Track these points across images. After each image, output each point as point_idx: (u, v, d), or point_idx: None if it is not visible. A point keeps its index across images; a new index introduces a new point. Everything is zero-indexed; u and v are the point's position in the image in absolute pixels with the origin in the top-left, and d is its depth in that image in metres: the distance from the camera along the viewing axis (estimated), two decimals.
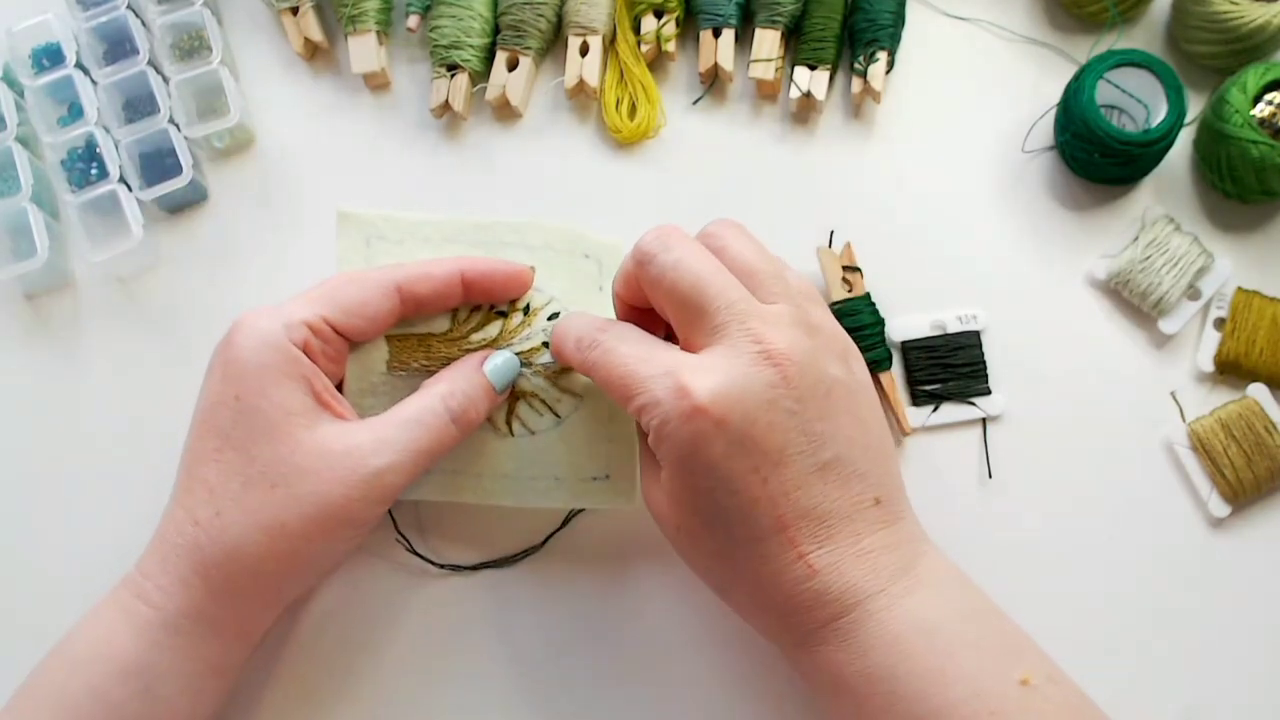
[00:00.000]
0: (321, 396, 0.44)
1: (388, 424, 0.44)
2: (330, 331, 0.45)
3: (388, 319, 0.46)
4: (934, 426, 0.56)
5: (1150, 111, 0.58)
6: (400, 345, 0.48)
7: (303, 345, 0.44)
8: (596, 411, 0.49)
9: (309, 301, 0.45)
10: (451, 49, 0.60)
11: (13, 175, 0.58)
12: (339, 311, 0.45)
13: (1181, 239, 0.57)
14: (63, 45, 0.61)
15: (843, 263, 0.57)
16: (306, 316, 0.44)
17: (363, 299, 0.45)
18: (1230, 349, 0.56)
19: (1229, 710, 0.52)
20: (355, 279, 0.46)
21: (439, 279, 0.46)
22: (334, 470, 0.42)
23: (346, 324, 0.45)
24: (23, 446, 0.57)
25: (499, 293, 0.48)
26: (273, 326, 0.43)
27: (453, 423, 0.45)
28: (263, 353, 0.43)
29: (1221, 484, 0.54)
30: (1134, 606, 0.53)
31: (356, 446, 0.43)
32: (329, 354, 0.46)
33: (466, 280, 0.47)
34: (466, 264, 0.47)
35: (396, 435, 0.44)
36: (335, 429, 0.44)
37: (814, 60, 0.60)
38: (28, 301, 0.59)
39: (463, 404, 0.45)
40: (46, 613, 0.54)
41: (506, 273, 0.48)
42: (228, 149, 0.62)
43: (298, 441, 0.42)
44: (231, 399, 0.43)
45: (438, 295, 0.47)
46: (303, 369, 0.44)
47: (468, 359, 0.48)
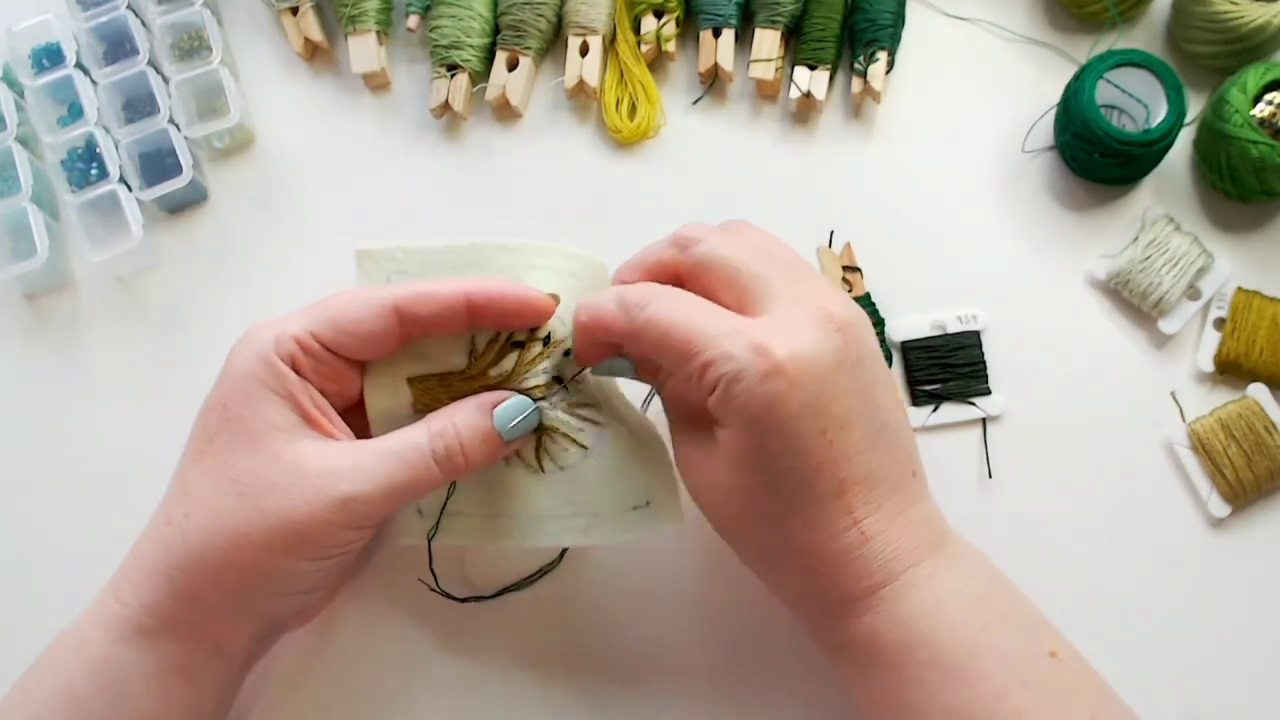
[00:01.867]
0: (309, 413, 0.43)
1: (369, 452, 0.43)
2: (320, 349, 0.44)
3: (384, 339, 0.44)
4: (934, 426, 0.56)
5: (1150, 111, 0.58)
6: (422, 387, 0.46)
7: (290, 360, 0.43)
8: (622, 438, 0.47)
9: (302, 316, 0.44)
10: (451, 49, 0.60)
11: (13, 175, 0.58)
12: (331, 328, 0.43)
13: (1181, 239, 0.57)
14: (63, 45, 0.61)
15: (843, 263, 0.57)
16: (296, 331, 0.43)
17: (357, 316, 0.43)
18: (1230, 349, 0.56)
19: (1229, 710, 0.52)
20: (353, 296, 0.44)
21: (441, 300, 0.44)
22: (303, 489, 0.42)
23: (337, 341, 0.44)
24: (23, 446, 0.57)
25: (509, 319, 0.45)
26: (265, 339, 0.43)
27: (435, 464, 0.43)
28: (252, 364, 0.43)
29: (1221, 484, 0.54)
30: (1134, 606, 0.53)
31: (331, 470, 0.42)
32: (322, 372, 0.44)
33: (472, 303, 0.44)
34: (472, 285, 0.44)
35: (374, 466, 0.43)
36: (315, 448, 0.43)
37: (814, 60, 0.60)
38: (28, 301, 0.59)
39: (450, 447, 0.43)
40: (46, 612, 0.54)
41: (517, 298, 0.44)
42: (228, 149, 0.62)
43: (274, 455, 0.42)
44: (220, 405, 0.43)
45: (439, 318, 0.44)
46: (288, 384, 0.43)
47: (471, 399, 0.45)
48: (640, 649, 0.52)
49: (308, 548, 0.43)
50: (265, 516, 0.42)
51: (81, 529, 0.55)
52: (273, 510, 0.41)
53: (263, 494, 0.42)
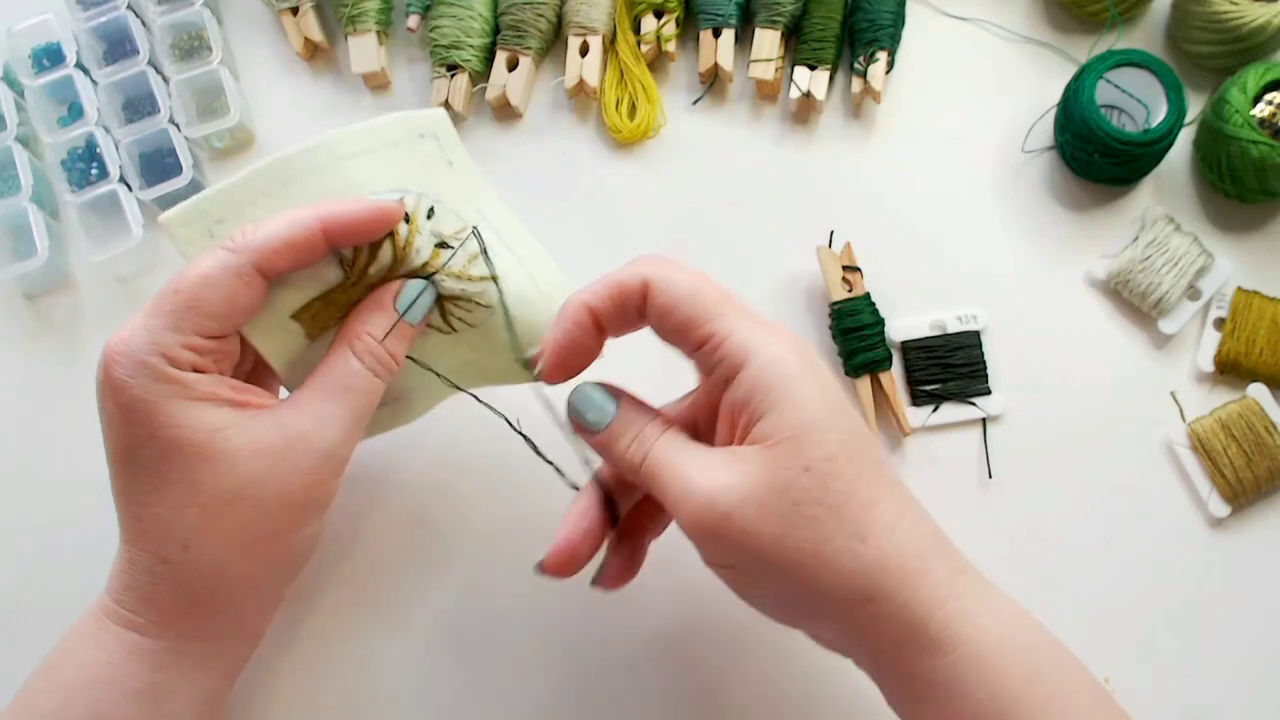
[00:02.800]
0: (235, 400, 0.42)
1: (316, 396, 0.43)
2: (208, 342, 0.41)
3: (255, 299, 0.42)
4: (934, 426, 0.56)
5: (1150, 111, 0.58)
6: (309, 315, 0.45)
7: (189, 366, 0.41)
8: (524, 288, 0.46)
9: (175, 319, 0.40)
10: (451, 49, 0.60)
11: (13, 175, 0.58)
12: (209, 320, 0.41)
13: (1181, 239, 0.57)
14: (63, 45, 0.61)
15: (843, 263, 0.57)
16: (181, 339, 0.40)
17: (227, 295, 0.41)
18: (1230, 349, 0.56)
19: (1229, 710, 0.52)
20: (210, 276, 0.40)
21: (299, 244, 0.41)
22: (283, 465, 0.41)
23: (220, 328, 0.41)
24: (23, 446, 0.57)
25: (366, 234, 0.43)
26: (151, 360, 0.40)
27: (375, 376, 0.44)
28: (155, 387, 0.40)
29: (1221, 484, 0.54)
30: (1134, 606, 0.53)
31: (297, 435, 0.42)
32: (220, 355, 0.42)
33: (329, 233, 0.42)
34: (324, 214, 0.42)
35: (333, 409, 0.42)
36: (267, 423, 0.42)
37: (814, 60, 0.60)
38: (28, 301, 0.59)
39: (378, 354, 0.43)
40: (46, 612, 0.54)
41: (370, 213, 0.43)
42: (228, 149, 0.62)
43: (235, 452, 0.41)
44: (147, 438, 0.41)
45: (300, 259, 0.42)
46: (204, 387, 0.41)
47: (374, 298, 0.44)
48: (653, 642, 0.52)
49: (312, 509, 0.43)
50: (265, 509, 0.41)
51: (81, 529, 0.55)
52: (269, 499, 0.41)
53: (252, 490, 0.41)
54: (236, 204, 0.44)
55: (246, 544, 0.42)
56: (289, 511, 0.42)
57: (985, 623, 0.38)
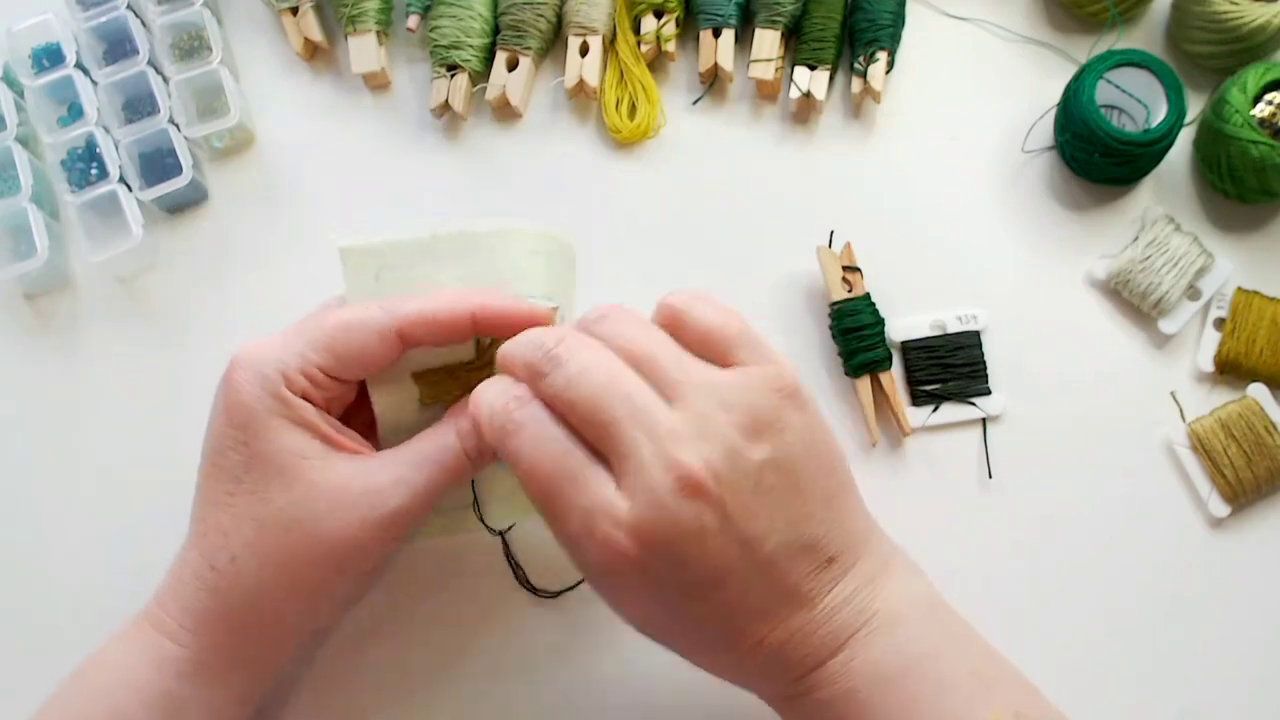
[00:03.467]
0: (330, 437, 0.43)
1: (404, 462, 0.43)
2: (326, 379, 0.43)
3: (387, 360, 0.44)
4: (934, 426, 0.56)
5: (1150, 111, 0.58)
6: (429, 382, 0.46)
7: (301, 392, 0.43)
8: None
9: (306, 346, 0.43)
10: (451, 49, 0.60)
11: (13, 175, 0.58)
12: (336, 361, 0.43)
13: (1181, 239, 0.57)
14: (63, 45, 0.61)
15: (843, 263, 0.57)
16: (304, 366, 0.43)
17: (361, 345, 0.43)
18: (1230, 349, 0.56)
19: (1229, 710, 0.52)
20: (353, 325, 0.43)
21: (445, 325, 0.43)
22: (351, 512, 0.42)
23: (342, 372, 0.44)
24: (23, 446, 0.57)
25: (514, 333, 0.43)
26: (271, 374, 0.42)
27: (469, 461, 0.44)
28: (264, 399, 0.42)
29: (1221, 484, 0.54)
30: (1133, 606, 0.53)
31: (375, 489, 0.42)
32: (328, 395, 0.44)
33: (479, 323, 0.44)
34: (478, 305, 0.43)
35: (414, 476, 0.43)
36: (350, 468, 0.43)
37: (814, 60, 0.60)
38: (28, 301, 0.59)
39: (481, 444, 0.44)
40: (46, 612, 0.54)
41: (520, 315, 0.44)
42: (228, 149, 0.62)
43: (312, 484, 0.42)
44: (239, 444, 0.42)
45: (443, 339, 0.44)
46: (307, 415, 0.43)
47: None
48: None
49: (360, 564, 0.44)
50: (318, 545, 0.42)
51: (82, 528, 0.55)
52: (324, 537, 0.42)
53: (310, 525, 0.42)
54: (409, 258, 0.46)
55: (288, 571, 0.42)
56: (340, 557, 0.43)
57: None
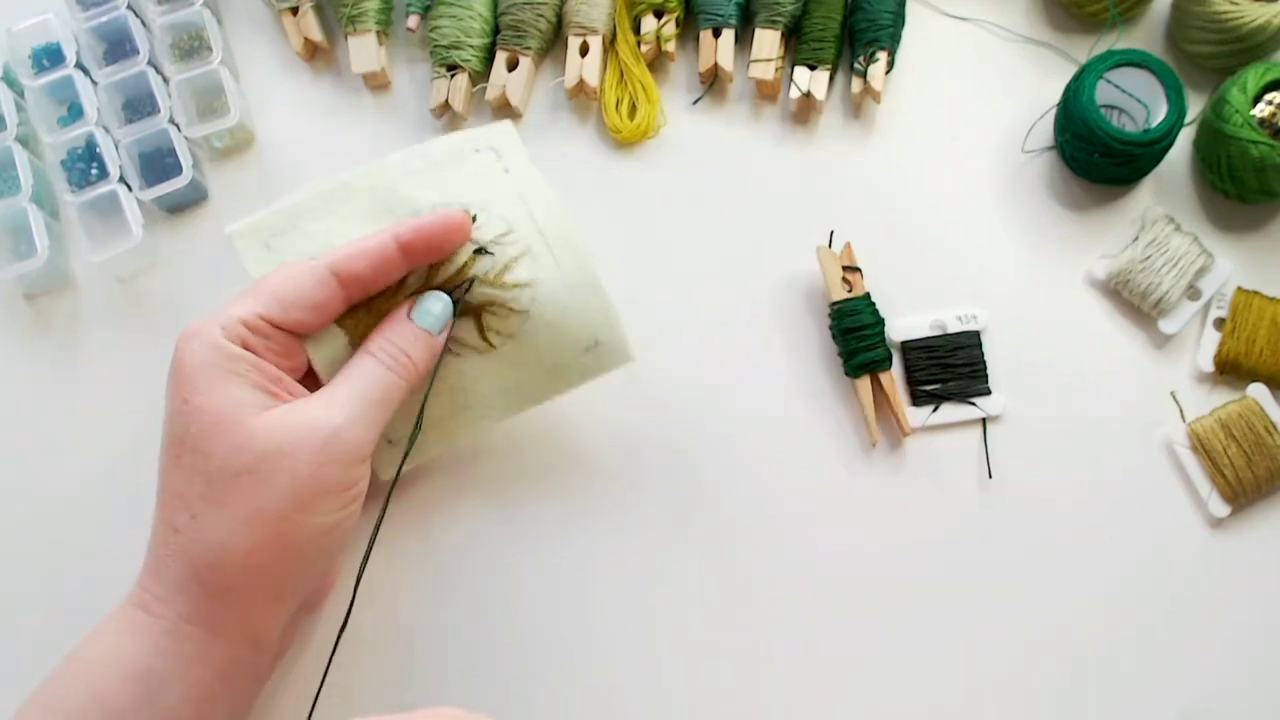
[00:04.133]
0: (270, 388, 0.44)
1: (335, 386, 0.45)
2: (270, 328, 0.44)
3: (330, 304, 0.46)
4: (934, 426, 0.56)
5: (1150, 111, 0.58)
6: (351, 322, 0.47)
7: (241, 342, 0.44)
8: (556, 287, 0.49)
9: (246, 299, 0.44)
10: (451, 49, 0.60)
11: (13, 175, 0.58)
12: (277, 306, 0.44)
13: (1181, 239, 0.57)
14: (63, 45, 0.61)
15: (843, 263, 0.56)
16: (243, 315, 0.44)
17: (299, 289, 0.45)
18: (1230, 349, 0.56)
19: (1229, 710, 0.52)
20: (289, 272, 0.45)
21: (373, 253, 0.46)
22: (292, 444, 0.42)
23: (287, 318, 0.45)
24: (23, 446, 0.57)
25: (439, 248, 0.47)
26: (210, 329, 0.43)
27: (389, 370, 0.45)
28: (202, 354, 0.43)
29: (1221, 484, 0.54)
30: (1134, 606, 0.53)
31: (309, 416, 0.43)
32: (275, 349, 0.45)
33: (403, 246, 0.46)
34: (400, 230, 0.46)
35: (344, 393, 0.44)
36: (285, 408, 0.44)
37: (814, 60, 0.60)
38: (28, 301, 0.59)
39: (393, 353, 0.46)
40: (46, 612, 0.54)
41: (444, 227, 0.47)
42: (228, 149, 0.62)
43: (251, 428, 0.42)
44: (181, 403, 0.43)
45: (376, 270, 0.46)
46: (245, 364, 0.43)
47: (395, 310, 0.47)
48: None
49: (321, 498, 0.43)
50: (270, 484, 0.42)
51: (82, 528, 0.55)
52: (275, 475, 0.42)
53: (258, 468, 0.42)
54: (292, 219, 0.48)
55: (248, 520, 0.42)
56: (296, 494, 0.42)
57: None
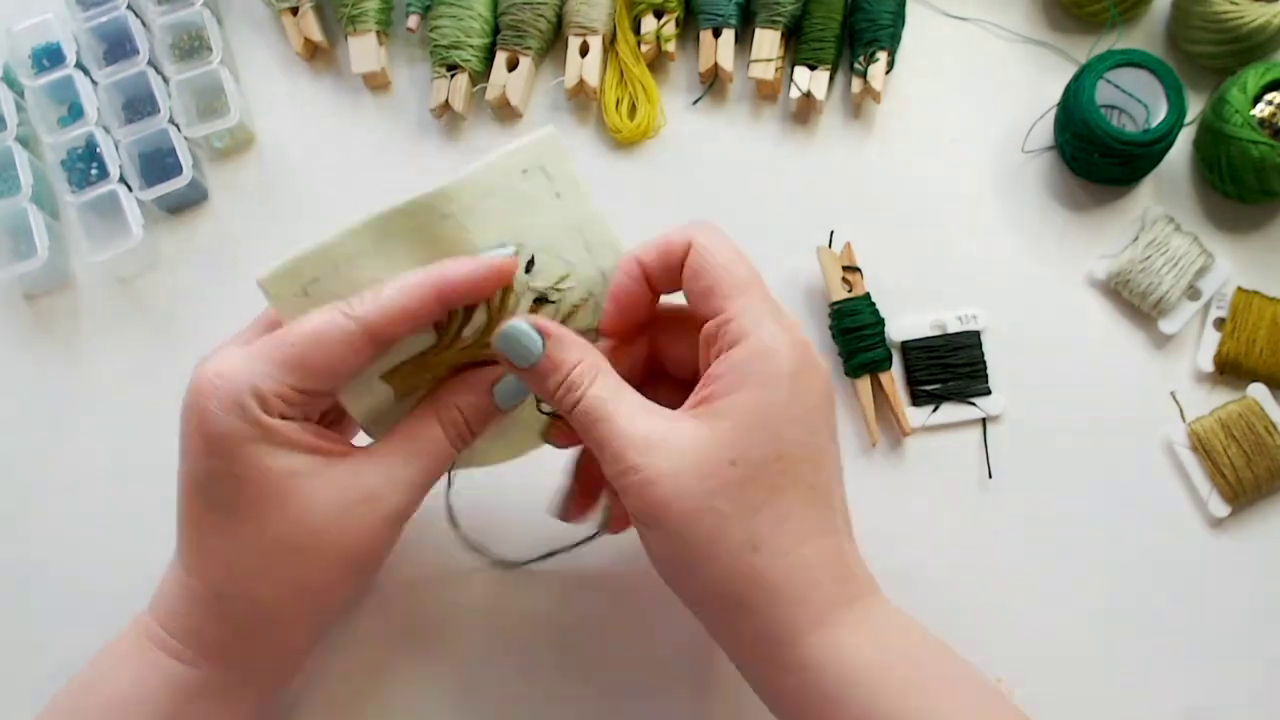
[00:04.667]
0: (317, 447, 0.42)
1: (395, 457, 0.43)
2: (301, 396, 0.41)
3: (361, 367, 0.42)
4: (934, 426, 0.56)
5: (1150, 111, 0.58)
6: (399, 377, 0.44)
7: (278, 414, 0.41)
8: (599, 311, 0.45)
9: (275, 367, 0.40)
10: (451, 49, 0.60)
11: (13, 175, 0.58)
12: (308, 378, 0.41)
13: (1181, 239, 0.57)
14: (63, 45, 0.61)
15: (843, 263, 0.56)
16: (277, 389, 0.40)
17: (332, 360, 0.41)
18: (1230, 349, 0.56)
19: (1229, 711, 0.52)
20: (321, 339, 0.41)
21: (413, 313, 0.41)
22: (353, 519, 0.41)
23: (316, 386, 0.41)
24: (23, 446, 0.57)
25: (480, 294, 0.43)
26: (246, 401, 0.40)
27: (452, 445, 0.44)
28: (243, 428, 0.40)
29: (1221, 484, 0.54)
30: (1134, 606, 0.53)
31: (371, 491, 0.42)
32: (306, 409, 0.42)
33: (443, 298, 0.42)
34: (438, 281, 0.41)
35: (407, 472, 0.43)
36: (343, 475, 0.42)
37: (814, 60, 0.60)
38: (28, 301, 0.59)
39: (462, 431, 0.44)
40: (46, 612, 0.54)
41: (486, 273, 0.42)
42: (228, 149, 0.62)
43: (308, 500, 0.41)
44: (226, 475, 0.41)
45: (415, 327, 0.42)
46: (288, 434, 0.41)
47: (473, 379, 0.44)
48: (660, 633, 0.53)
49: (366, 568, 0.44)
50: (325, 558, 0.41)
51: (82, 528, 0.55)
52: (330, 550, 0.41)
53: (315, 540, 0.41)
54: (332, 263, 0.43)
55: (299, 591, 0.42)
56: (347, 566, 0.42)
57: (860, 643, 0.38)
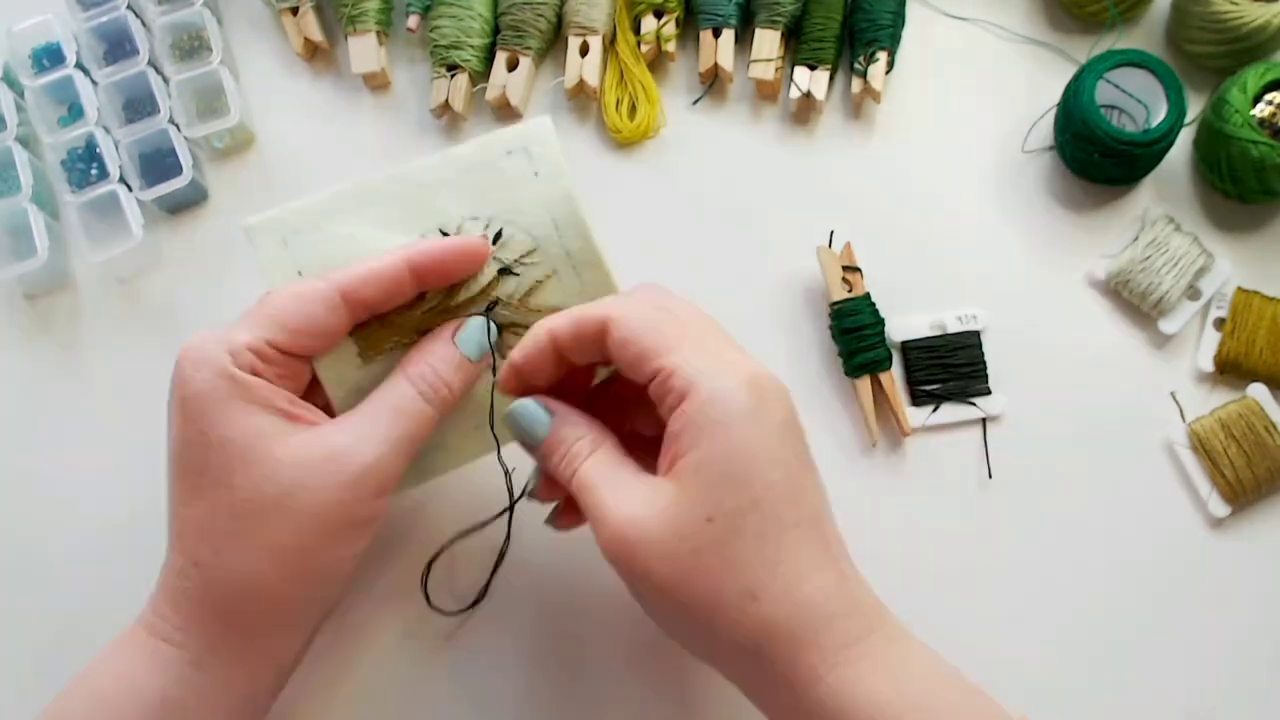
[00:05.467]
0: (286, 411, 0.43)
1: (363, 417, 0.43)
2: (276, 353, 0.43)
3: (337, 329, 0.44)
4: (934, 426, 0.56)
5: (1150, 111, 0.58)
6: (364, 335, 0.45)
7: (250, 369, 0.42)
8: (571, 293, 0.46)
9: (251, 324, 0.43)
10: (451, 49, 0.60)
11: (13, 175, 0.58)
12: (284, 333, 0.43)
13: (1181, 239, 0.57)
14: (63, 45, 0.61)
15: (842, 263, 0.57)
16: (249, 341, 0.42)
17: (306, 314, 0.43)
18: (1230, 349, 0.56)
19: (1229, 710, 0.52)
20: (295, 294, 0.43)
21: (384, 278, 0.43)
22: (320, 478, 0.41)
23: (293, 344, 0.43)
24: (23, 446, 0.57)
25: (453, 273, 0.45)
26: (219, 355, 0.42)
27: (428, 404, 0.44)
28: (214, 383, 0.41)
29: (1221, 484, 0.54)
30: (1134, 606, 0.53)
31: (338, 449, 0.42)
32: (281, 373, 0.43)
33: (415, 270, 0.44)
34: (412, 254, 0.44)
35: (375, 427, 0.43)
36: (310, 436, 0.42)
37: (814, 60, 0.60)
38: (28, 301, 0.59)
39: (434, 383, 0.44)
40: (46, 613, 0.54)
41: (458, 251, 0.44)
42: (228, 149, 0.62)
43: (276, 460, 0.41)
44: (197, 435, 0.41)
45: (386, 294, 0.44)
46: (259, 393, 0.42)
47: (437, 333, 0.45)
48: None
49: (345, 530, 0.43)
50: (297, 519, 0.41)
51: (81, 529, 0.55)
52: (302, 510, 0.41)
53: (283, 501, 0.41)
54: (313, 218, 0.46)
55: (274, 554, 0.41)
56: (322, 527, 0.42)
57: (878, 683, 0.37)
